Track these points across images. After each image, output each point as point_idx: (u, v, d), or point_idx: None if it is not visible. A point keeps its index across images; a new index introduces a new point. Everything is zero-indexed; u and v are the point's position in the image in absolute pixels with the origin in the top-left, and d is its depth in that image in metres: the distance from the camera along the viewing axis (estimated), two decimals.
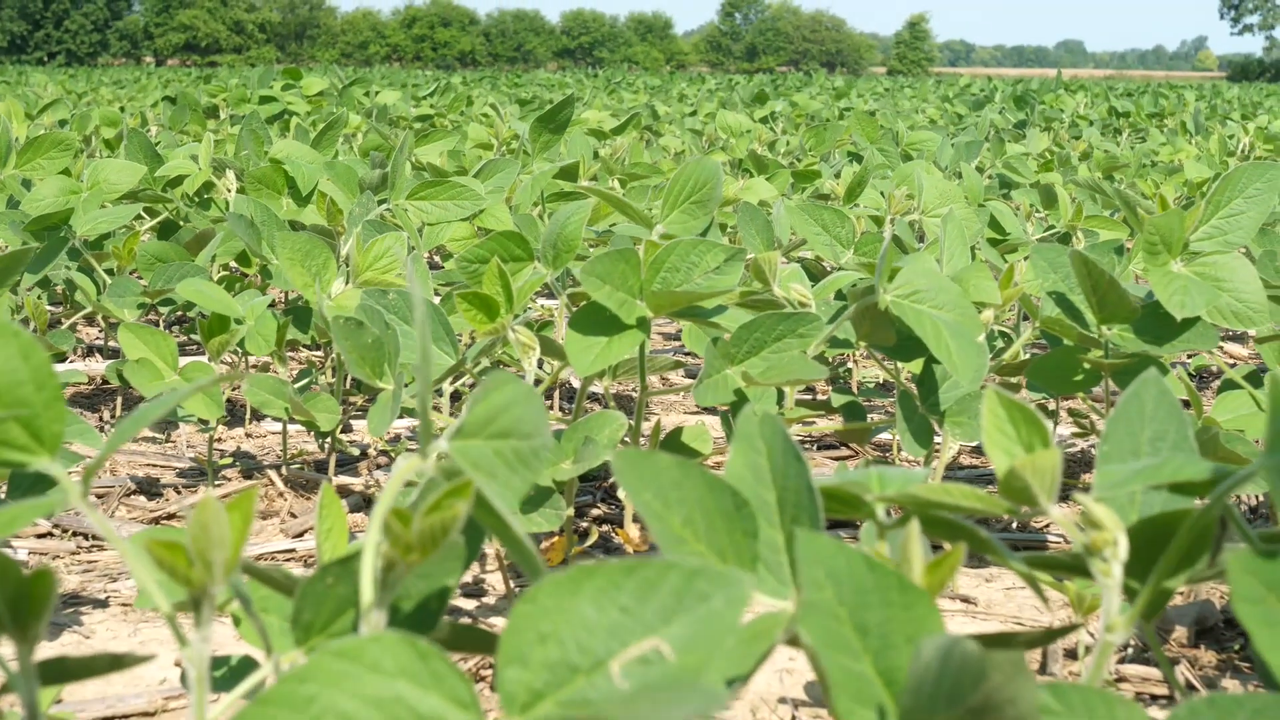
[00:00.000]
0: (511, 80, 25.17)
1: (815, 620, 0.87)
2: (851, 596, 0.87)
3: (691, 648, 0.82)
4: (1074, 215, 3.65)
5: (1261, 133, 9.08)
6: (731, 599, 0.83)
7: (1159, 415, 1.18)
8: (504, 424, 0.97)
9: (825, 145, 6.07)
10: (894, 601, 0.87)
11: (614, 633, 0.81)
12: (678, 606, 0.82)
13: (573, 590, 0.82)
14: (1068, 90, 19.68)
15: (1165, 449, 1.17)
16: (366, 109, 7.78)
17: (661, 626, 0.82)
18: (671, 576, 0.83)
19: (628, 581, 0.83)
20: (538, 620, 0.81)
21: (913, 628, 0.87)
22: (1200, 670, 1.83)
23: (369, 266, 2.34)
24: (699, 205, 2.16)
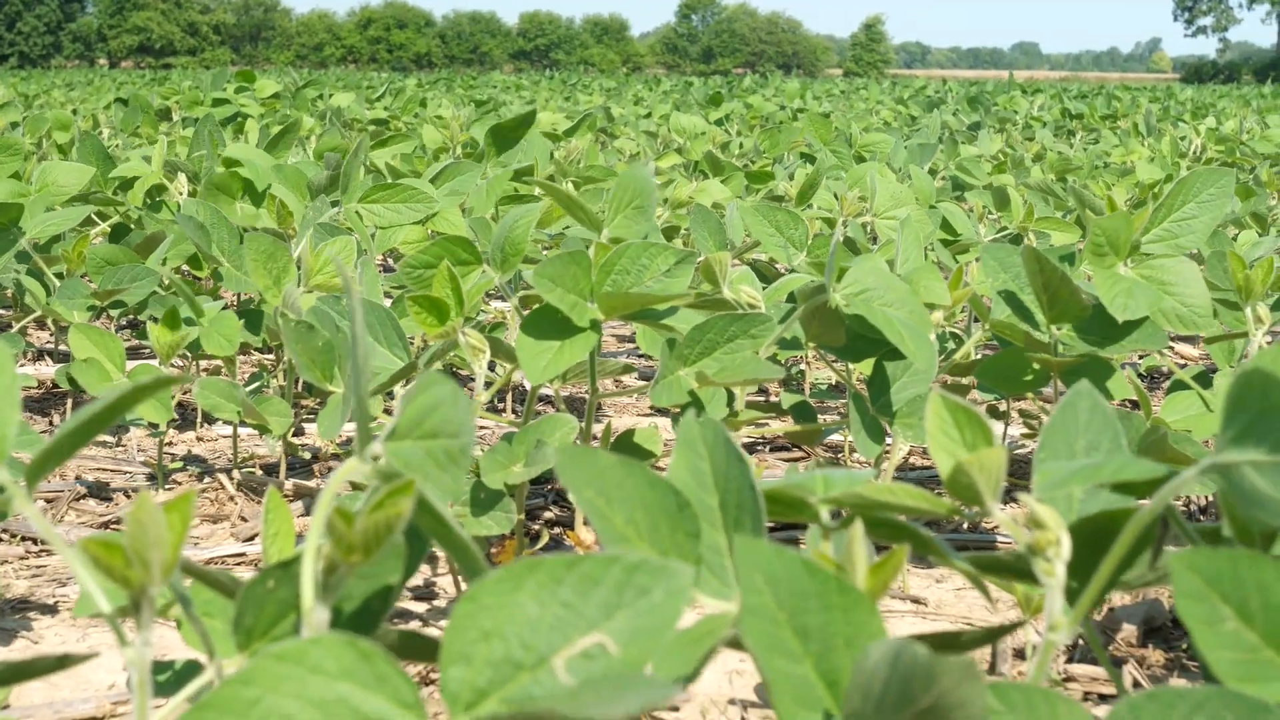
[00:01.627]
0: (467, 82, 25.13)
1: (755, 624, 0.87)
2: (791, 600, 0.88)
3: (634, 641, 0.82)
4: (1025, 217, 3.66)
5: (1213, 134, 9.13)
6: (672, 591, 0.83)
7: (1093, 425, 1.19)
8: (432, 424, 0.97)
9: (780, 147, 6.08)
10: (834, 605, 0.87)
11: (557, 628, 0.81)
12: (619, 600, 0.82)
13: (514, 586, 0.82)
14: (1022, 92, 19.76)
15: (1100, 455, 1.18)
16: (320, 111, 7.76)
17: (604, 621, 0.82)
18: (613, 570, 0.83)
19: (569, 576, 0.83)
20: (480, 618, 0.81)
21: (853, 630, 0.87)
22: (1148, 670, 1.84)
23: (320, 270, 2.33)
24: (639, 210, 2.17)
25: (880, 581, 0.97)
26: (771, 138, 6.20)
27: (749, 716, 1.66)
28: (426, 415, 0.97)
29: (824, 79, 49.21)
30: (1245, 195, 4.81)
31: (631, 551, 0.97)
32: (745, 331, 1.88)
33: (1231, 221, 4.36)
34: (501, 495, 1.92)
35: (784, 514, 1.09)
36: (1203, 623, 0.90)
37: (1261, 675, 0.90)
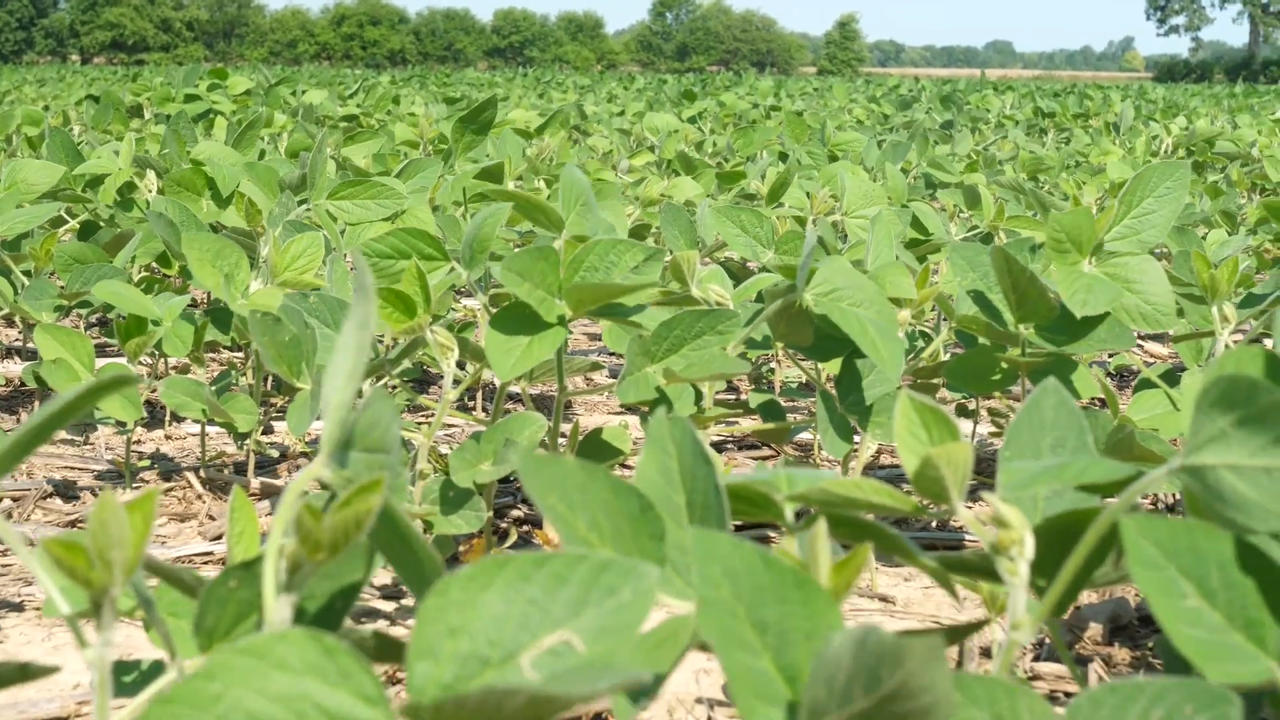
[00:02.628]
0: (440, 79, 25.10)
1: (713, 617, 0.87)
2: (749, 594, 0.88)
3: (601, 639, 0.82)
4: (996, 215, 3.67)
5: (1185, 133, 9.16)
6: (639, 591, 0.83)
7: (1059, 423, 1.19)
8: (374, 439, 0.98)
9: (753, 146, 6.08)
10: (791, 598, 0.87)
11: (524, 625, 0.82)
12: (586, 599, 0.83)
13: (483, 584, 0.82)
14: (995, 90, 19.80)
15: (1065, 454, 1.18)
16: (293, 108, 7.75)
17: (571, 619, 0.82)
18: (580, 569, 0.83)
19: (537, 574, 0.83)
20: (448, 614, 0.81)
21: (811, 624, 0.87)
22: (1114, 668, 1.84)
23: (287, 267, 2.33)
24: (586, 207, 2.17)
25: (843, 580, 0.97)
26: (745, 136, 6.20)
27: (716, 715, 1.66)
28: (370, 429, 0.98)
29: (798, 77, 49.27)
30: (1214, 194, 4.83)
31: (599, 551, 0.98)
32: (712, 328, 1.88)
33: (1201, 220, 4.37)
34: (471, 494, 1.92)
35: (750, 512, 1.09)
36: (1161, 594, 0.91)
37: (1228, 656, 0.90)
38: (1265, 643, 0.91)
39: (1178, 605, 0.91)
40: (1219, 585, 0.92)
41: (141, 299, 2.40)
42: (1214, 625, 0.91)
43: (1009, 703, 0.89)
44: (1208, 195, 4.87)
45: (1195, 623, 0.91)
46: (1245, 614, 0.91)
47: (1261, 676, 0.91)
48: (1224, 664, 0.90)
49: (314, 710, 0.77)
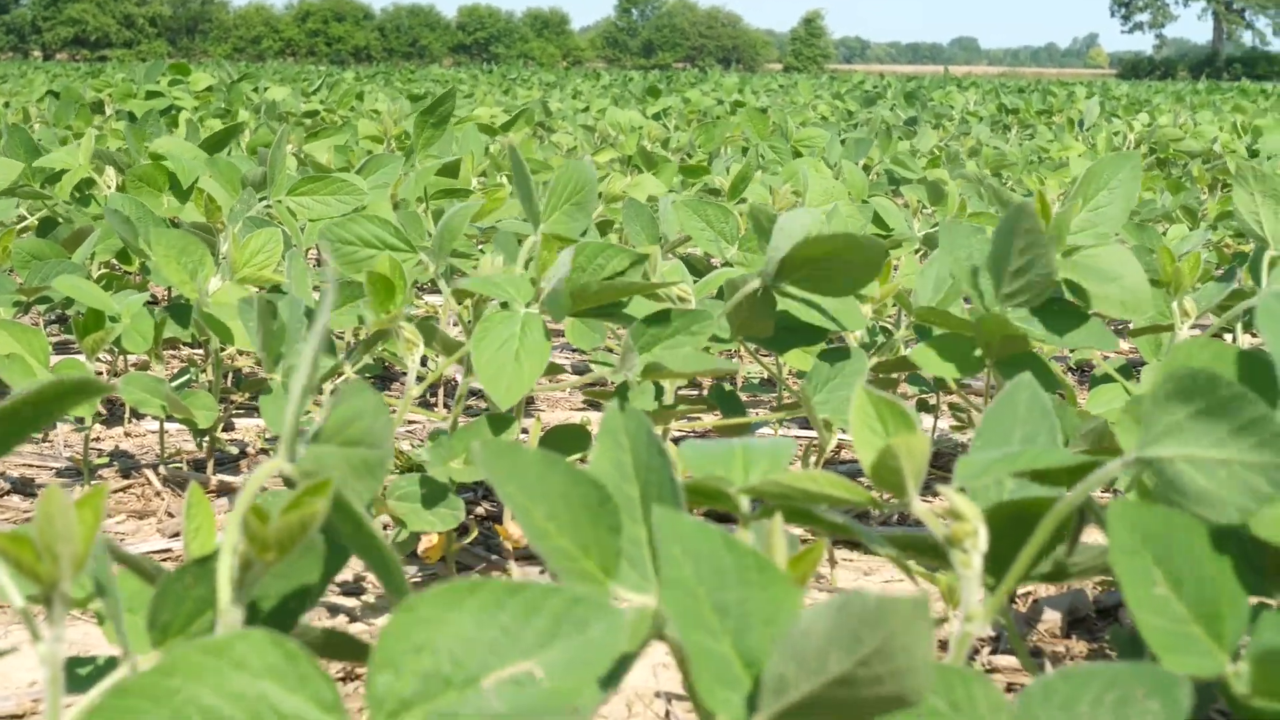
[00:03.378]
0: (405, 76, 25.05)
1: (675, 598, 0.87)
2: (710, 576, 0.88)
3: (567, 673, 0.82)
4: (959, 210, 3.68)
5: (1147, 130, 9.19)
6: (609, 629, 0.83)
7: (1032, 416, 1.20)
8: (354, 432, 0.97)
9: (715, 142, 6.08)
10: (753, 582, 0.88)
11: (491, 650, 0.81)
12: (556, 631, 0.83)
13: (454, 603, 0.82)
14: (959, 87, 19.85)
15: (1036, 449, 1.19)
16: (255, 105, 7.72)
17: (538, 650, 0.82)
18: (553, 601, 0.83)
19: (510, 601, 0.83)
20: (415, 630, 0.81)
21: (772, 609, 0.87)
22: (1071, 660, 1.85)
23: (246, 263, 2.32)
24: (578, 207, 2.17)
25: (801, 571, 0.97)
26: (707, 132, 6.20)
27: (674, 710, 1.66)
28: (350, 422, 0.97)
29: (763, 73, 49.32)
30: (1175, 189, 4.85)
31: (553, 549, 0.97)
32: (686, 328, 1.89)
33: (1162, 215, 4.39)
34: (447, 491, 1.92)
35: (705, 503, 1.09)
36: (1135, 581, 0.91)
37: (1186, 648, 0.91)
38: (1222, 637, 0.92)
39: (1147, 592, 0.91)
40: (1187, 576, 0.92)
41: (100, 294, 2.39)
42: (1177, 615, 0.92)
43: (964, 690, 0.90)
44: (1169, 191, 4.89)
45: (1160, 611, 0.91)
46: (1207, 607, 0.92)
47: (1214, 670, 0.91)
48: (1181, 655, 0.91)
49: (270, 712, 0.77)
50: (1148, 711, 0.83)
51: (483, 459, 0.96)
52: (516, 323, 1.80)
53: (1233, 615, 0.92)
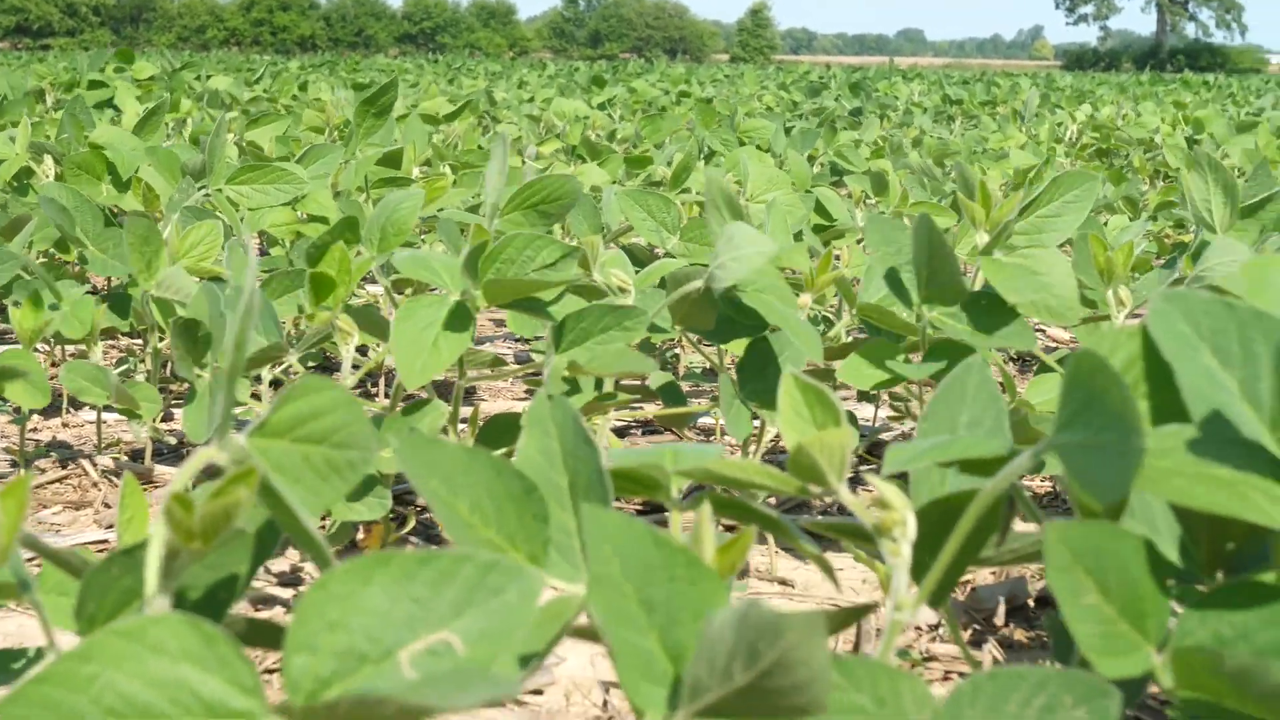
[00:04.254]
0: (350, 66, 24.94)
1: (602, 595, 0.87)
2: (638, 572, 0.87)
3: (483, 640, 0.81)
4: (901, 201, 3.69)
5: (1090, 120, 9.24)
6: (525, 593, 0.83)
7: (979, 400, 1.20)
8: (317, 429, 0.96)
9: (661, 133, 6.08)
10: (680, 577, 0.88)
11: (405, 623, 0.81)
12: (471, 599, 0.82)
13: (365, 579, 0.82)
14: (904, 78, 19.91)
15: (981, 434, 1.19)
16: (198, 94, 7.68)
17: (453, 618, 0.82)
18: (466, 569, 0.83)
19: (422, 572, 0.82)
20: (328, 608, 0.81)
21: (699, 604, 0.87)
22: (1010, 649, 1.86)
23: (185, 253, 2.31)
24: (543, 215, 2.17)
25: (728, 562, 0.97)
26: (653, 123, 6.20)
27: (612, 699, 1.67)
28: (309, 419, 0.96)
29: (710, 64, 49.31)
30: (1117, 180, 4.87)
31: (478, 542, 0.97)
32: (619, 323, 1.88)
33: (1103, 206, 4.42)
34: (375, 481, 1.91)
35: (636, 492, 1.09)
36: (1069, 595, 0.91)
37: (1117, 648, 0.91)
38: (1147, 631, 0.92)
39: (1079, 603, 0.92)
40: (1115, 581, 0.93)
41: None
42: (1107, 618, 0.92)
43: (890, 685, 0.90)
44: (1110, 181, 4.92)
45: (1093, 619, 0.92)
46: (1134, 605, 0.92)
47: (1142, 666, 0.92)
48: (1113, 658, 0.91)
49: (189, 696, 0.77)
50: (1074, 719, 0.84)
51: (403, 453, 0.96)
52: (444, 307, 1.79)
53: (1155, 609, 0.93)
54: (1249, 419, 0.92)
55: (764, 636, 0.75)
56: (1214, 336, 0.96)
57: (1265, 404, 0.93)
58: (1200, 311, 0.97)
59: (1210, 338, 0.96)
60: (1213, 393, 0.94)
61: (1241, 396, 0.93)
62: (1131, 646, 0.92)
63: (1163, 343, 0.96)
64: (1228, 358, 0.95)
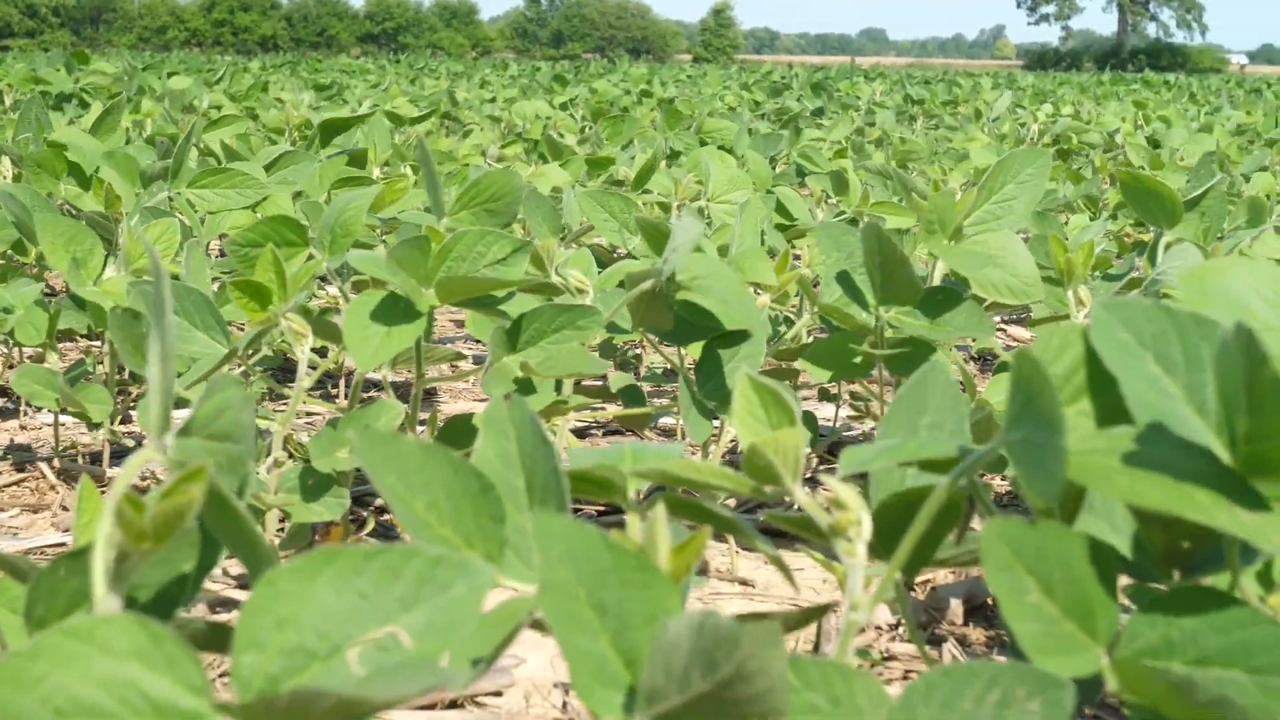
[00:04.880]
0: (312, 66, 24.88)
1: (553, 599, 0.87)
2: (589, 576, 0.87)
3: (431, 635, 0.81)
4: (862, 201, 3.70)
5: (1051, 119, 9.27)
6: (473, 587, 0.83)
7: (940, 403, 1.20)
8: (221, 426, 0.96)
9: (622, 134, 6.08)
10: (632, 581, 0.87)
11: (353, 619, 0.81)
12: (419, 594, 0.82)
13: (312, 575, 0.81)
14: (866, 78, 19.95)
15: (943, 436, 1.19)
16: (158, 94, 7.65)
17: (401, 614, 0.81)
18: (414, 563, 0.83)
19: (369, 567, 0.82)
20: (276, 605, 0.80)
21: (652, 608, 0.87)
22: (969, 648, 1.86)
23: (142, 254, 2.29)
24: (491, 214, 2.16)
25: (682, 563, 0.97)
26: (614, 125, 6.19)
27: (571, 700, 1.66)
28: (217, 416, 0.96)
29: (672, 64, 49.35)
30: (1076, 180, 4.89)
31: (434, 540, 0.97)
32: (572, 323, 1.88)
33: (1064, 206, 4.43)
34: (331, 481, 1.91)
35: (592, 493, 1.09)
36: (1009, 594, 0.92)
37: (1061, 648, 0.92)
38: (1095, 631, 0.93)
39: (1021, 602, 0.92)
40: (1059, 580, 0.93)
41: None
42: (1051, 617, 0.92)
43: (845, 686, 0.90)
44: (1071, 181, 4.94)
45: (1035, 618, 0.92)
46: (1081, 605, 0.93)
47: (1091, 667, 0.92)
48: (1057, 656, 0.91)
49: (137, 696, 0.76)
50: (1029, 712, 0.84)
51: (360, 448, 0.96)
52: (396, 301, 1.79)
53: (1103, 610, 0.93)
54: (1194, 424, 0.92)
55: (721, 647, 0.75)
56: (1156, 343, 0.96)
57: (1210, 408, 0.93)
58: (1141, 319, 0.97)
59: (1153, 345, 0.96)
60: (1157, 400, 0.94)
61: (1186, 401, 0.94)
62: (1078, 646, 0.92)
63: (1104, 352, 0.96)
64: (1171, 364, 0.95)
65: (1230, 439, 0.90)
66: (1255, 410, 0.86)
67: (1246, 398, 0.86)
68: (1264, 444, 0.87)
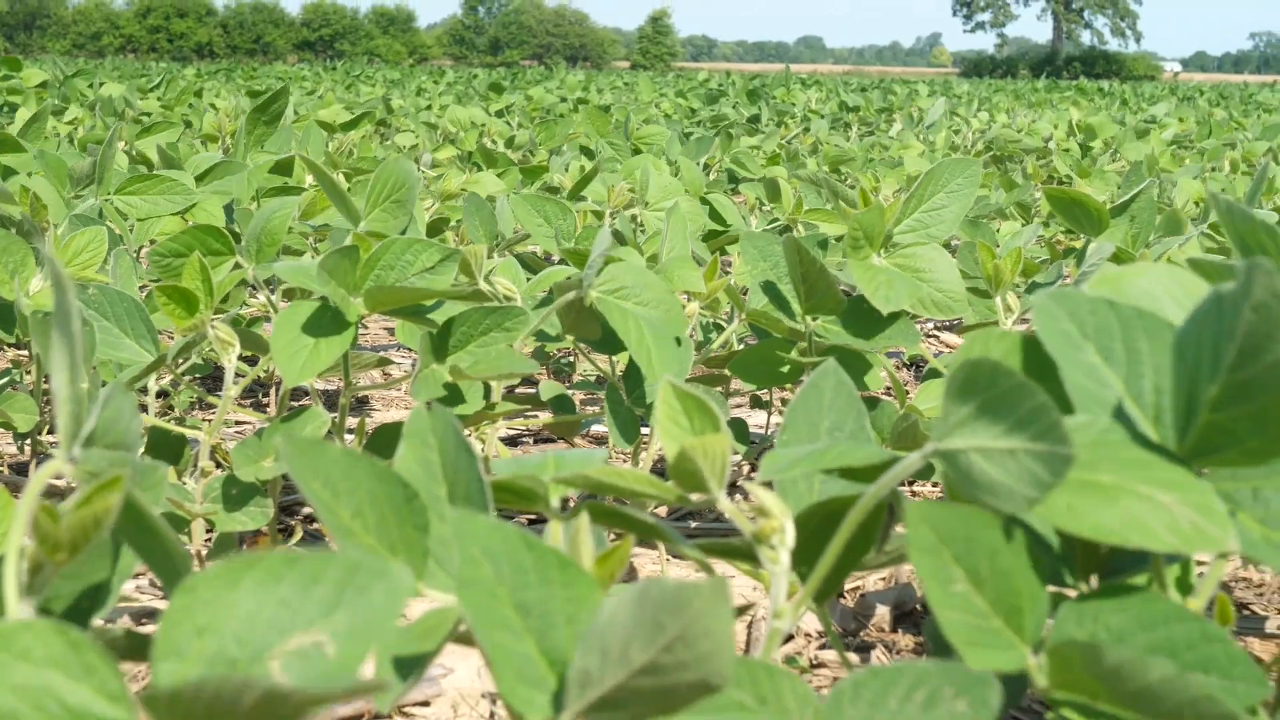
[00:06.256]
0: (248, 73, 24.76)
1: (474, 599, 0.86)
2: (511, 575, 0.87)
3: (352, 639, 0.80)
4: (795, 208, 3.70)
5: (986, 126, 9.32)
6: (392, 591, 0.82)
7: (837, 405, 1.21)
8: (117, 434, 0.96)
9: (555, 139, 6.07)
10: (554, 580, 0.87)
11: (274, 625, 0.80)
12: (339, 598, 0.81)
13: (232, 582, 0.81)
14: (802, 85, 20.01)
15: (843, 438, 1.19)
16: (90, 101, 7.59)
17: (322, 619, 0.81)
18: (332, 569, 0.82)
19: (289, 573, 0.81)
20: (196, 612, 0.80)
21: (575, 608, 0.87)
22: (897, 654, 1.86)
23: (69, 262, 2.27)
24: (398, 204, 2.15)
25: (607, 571, 0.97)
26: (547, 130, 6.19)
27: (499, 709, 1.66)
28: (113, 425, 0.96)
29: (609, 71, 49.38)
30: (1009, 186, 4.92)
31: (358, 548, 0.96)
32: (499, 324, 1.87)
33: (996, 212, 4.45)
34: (255, 490, 1.89)
35: (516, 503, 1.09)
36: (934, 579, 0.92)
37: (989, 642, 0.92)
38: (1023, 630, 0.93)
39: (947, 590, 0.92)
40: (988, 572, 0.93)
41: None
42: (979, 610, 0.92)
43: (771, 684, 0.90)
44: (1003, 188, 4.96)
45: (962, 608, 0.92)
46: (1008, 600, 0.93)
47: (1016, 664, 0.92)
48: (984, 650, 0.91)
49: (55, 704, 0.75)
50: (955, 711, 0.84)
51: (287, 455, 0.95)
52: (324, 312, 1.78)
53: (1032, 608, 0.93)
54: (1133, 414, 0.93)
55: (667, 609, 0.74)
56: (1098, 335, 0.97)
57: (1148, 400, 0.94)
58: (1085, 310, 0.98)
59: (1094, 336, 0.97)
60: (1097, 389, 0.95)
61: (1125, 392, 0.95)
62: (1005, 643, 0.92)
63: (1048, 341, 0.97)
64: (1111, 355, 0.96)
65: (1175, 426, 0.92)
66: (1243, 362, 0.87)
67: (1239, 346, 0.86)
68: (1239, 408, 0.88)
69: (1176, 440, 0.92)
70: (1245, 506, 0.92)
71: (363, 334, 4.01)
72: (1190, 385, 0.91)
